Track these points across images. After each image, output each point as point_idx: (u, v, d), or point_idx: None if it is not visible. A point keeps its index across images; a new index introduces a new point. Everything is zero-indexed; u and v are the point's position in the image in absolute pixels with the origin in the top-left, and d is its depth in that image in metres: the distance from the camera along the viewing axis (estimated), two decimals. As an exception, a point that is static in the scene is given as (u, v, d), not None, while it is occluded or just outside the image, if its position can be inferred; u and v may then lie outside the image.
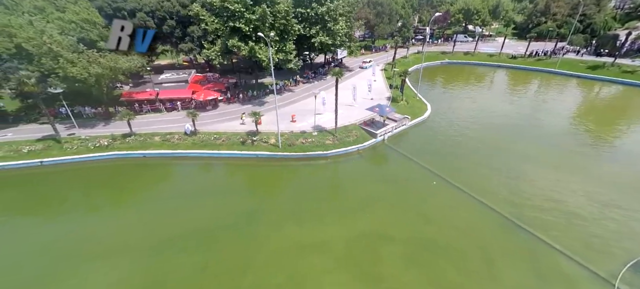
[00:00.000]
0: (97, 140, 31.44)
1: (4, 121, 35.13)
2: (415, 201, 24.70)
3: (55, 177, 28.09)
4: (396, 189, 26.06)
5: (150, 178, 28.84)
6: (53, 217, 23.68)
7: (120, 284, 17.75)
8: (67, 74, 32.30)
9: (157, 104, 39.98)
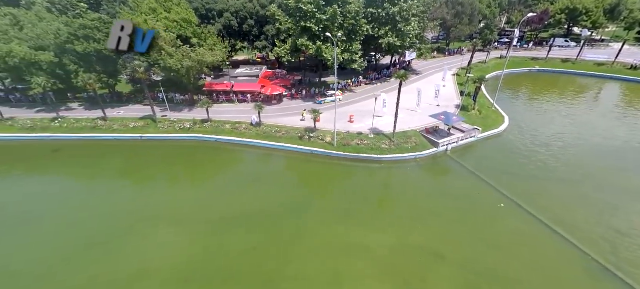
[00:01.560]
0: (182, 123, 36.73)
1: (120, 101, 43.81)
2: (477, 222, 22.14)
3: (150, 150, 33.79)
4: (455, 206, 23.76)
5: (219, 161, 32.35)
6: (143, 182, 28.63)
7: (186, 248, 20.33)
8: (166, 65, 38.32)
9: (231, 95, 44.55)
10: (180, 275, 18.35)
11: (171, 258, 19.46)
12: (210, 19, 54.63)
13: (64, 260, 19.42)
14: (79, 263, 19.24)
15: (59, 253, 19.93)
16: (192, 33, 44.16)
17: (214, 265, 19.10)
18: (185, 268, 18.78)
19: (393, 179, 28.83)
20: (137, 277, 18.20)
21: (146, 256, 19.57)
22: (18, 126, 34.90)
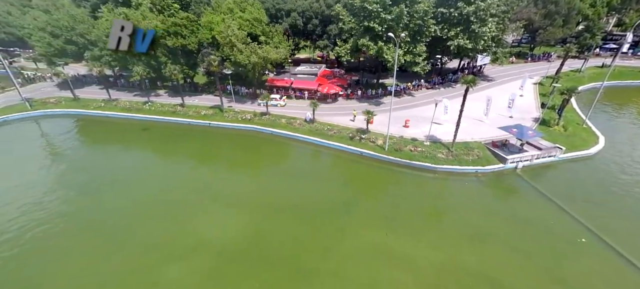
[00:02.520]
0: (244, 114, 39.91)
1: (195, 91, 49.71)
2: (547, 253, 19.05)
3: (215, 136, 37.58)
4: (520, 231, 20.82)
5: (272, 152, 34.23)
6: (207, 163, 32.00)
7: (239, 228, 21.96)
8: (236, 60, 41.99)
9: (289, 91, 46.65)
10: (230, 251, 19.95)
11: (225, 234, 21.29)
12: (279, 18, 58.02)
13: (140, 219, 22.91)
14: (152, 223, 22.48)
15: (137, 212, 23.59)
16: (260, 31, 47.49)
17: (260, 248, 20.26)
18: (235, 246, 20.34)
19: (447, 191, 26.60)
20: (196, 244, 20.36)
21: (205, 229, 21.78)
22: (120, 106, 42.45)
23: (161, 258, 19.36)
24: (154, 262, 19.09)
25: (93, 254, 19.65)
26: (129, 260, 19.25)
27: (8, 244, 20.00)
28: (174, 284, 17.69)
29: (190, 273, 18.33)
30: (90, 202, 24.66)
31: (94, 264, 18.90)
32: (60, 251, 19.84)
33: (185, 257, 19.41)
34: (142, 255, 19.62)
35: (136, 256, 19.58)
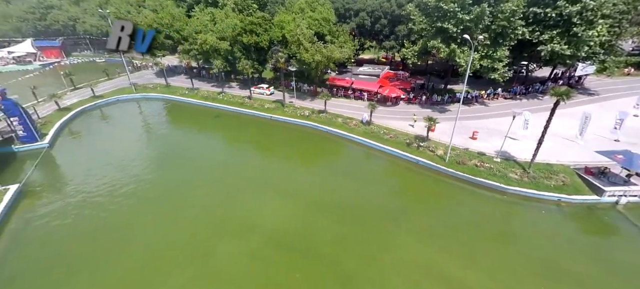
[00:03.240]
0: (303, 110, 41.26)
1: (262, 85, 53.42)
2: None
3: (274, 129, 39.75)
4: (619, 282, 16.72)
5: (327, 150, 34.56)
6: (264, 153, 34.08)
7: (287, 218, 22.79)
8: (301, 58, 43.62)
9: (349, 91, 46.45)
10: (277, 238, 20.79)
11: (274, 221, 22.34)
12: (347, 17, 58.26)
13: (204, 194, 25.56)
14: (213, 199, 24.90)
15: (202, 187, 26.43)
16: (327, 31, 48.37)
17: (304, 241, 20.67)
18: (282, 234, 21.15)
19: (516, 217, 23.00)
20: (248, 226, 21.82)
21: (257, 213, 23.22)
22: (199, 95, 48.32)
23: (217, 232, 21.29)
24: (211, 234, 21.11)
25: (163, 218, 22.74)
26: (191, 228, 21.66)
27: (106, 196, 24.56)
28: (225, 258, 19.22)
29: (240, 251, 19.69)
30: (166, 173, 28.68)
31: (164, 227, 21.84)
32: (139, 210, 23.53)
33: (238, 235, 20.95)
34: (202, 226, 21.90)
35: (197, 225, 21.94)
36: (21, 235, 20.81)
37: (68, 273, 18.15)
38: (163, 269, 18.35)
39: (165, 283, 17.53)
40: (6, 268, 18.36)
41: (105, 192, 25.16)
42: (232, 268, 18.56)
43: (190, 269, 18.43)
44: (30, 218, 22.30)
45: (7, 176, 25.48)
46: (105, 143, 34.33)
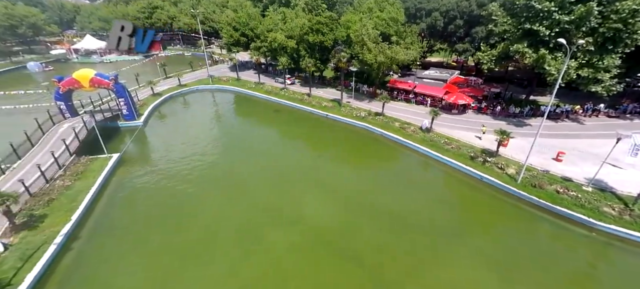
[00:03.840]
0: (360, 111, 40.69)
1: (322, 84, 54.40)
2: None
3: (329, 127, 40.10)
4: None
5: (379, 153, 33.46)
6: (317, 149, 34.67)
7: (331, 216, 22.89)
8: (363, 58, 42.99)
9: (410, 95, 44.03)
10: (322, 234, 21.00)
11: (320, 217, 22.63)
12: (417, 17, 55.32)
13: (258, 181, 27.21)
14: (266, 188, 26.36)
15: (257, 174, 28.21)
16: (394, 31, 46.66)
17: (347, 241, 20.42)
18: (326, 231, 21.30)
19: (607, 262, 18.75)
20: (295, 218, 22.52)
21: (305, 207, 23.83)
22: (264, 89, 51.73)
23: (266, 220, 22.45)
24: (260, 220, 22.40)
25: (222, 198, 24.99)
26: (245, 211, 23.35)
27: (180, 170, 28.18)
28: (272, 246, 20.06)
29: (284, 241, 20.39)
30: (228, 157, 31.50)
31: (222, 206, 24.00)
32: (204, 187, 26.28)
33: (285, 226, 21.77)
34: (253, 211, 23.41)
35: (250, 210, 23.53)
36: (117, 194, 25.34)
37: (147, 231, 21.42)
38: (217, 244, 20.19)
39: (219, 256, 19.24)
40: (107, 219, 22.59)
41: (179, 167, 28.89)
42: (276, 256, 19.35)
43: (239, 249, 19.87)
44: (124, 181, 27.00)
45: (111, 146, 31.27)
46: (184, 126, 39.41)
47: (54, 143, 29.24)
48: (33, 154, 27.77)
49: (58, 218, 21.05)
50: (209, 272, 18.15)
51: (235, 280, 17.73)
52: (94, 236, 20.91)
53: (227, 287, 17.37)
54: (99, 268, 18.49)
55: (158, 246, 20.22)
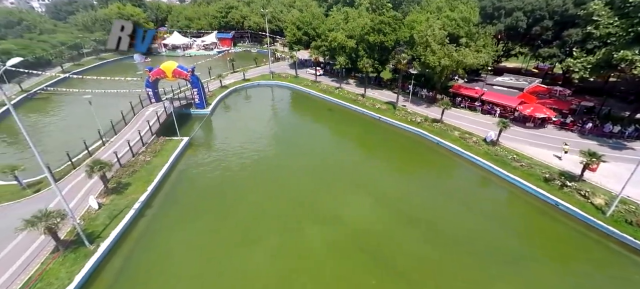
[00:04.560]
0: (415, 116, 38.50)
1: (378, 85, 52.93)
2: None
3: (381, 130, 38.82)
4: None
5: (432, 163, 31.24)
6: (364, 152, 34.00)
7: (372, 221, 22.38)
8: (425, 61, 40.42)
9: (476, 103, 39.90)
10: (360, 238, 20.67)
11: (359, 220, 22.30)
12: (495, 18, 49.76)
13: (302, 177, 27.97)
14: (308, 183, 27.02)
15: (302, 171, 28.95)
16: (464, 32, 42.86)
17: (386, 249, 19.75)
18: (363, 235, 20.88)
19: None
20: (333, 217, 22.58)
21: (344, 208, 23.74)
22: (319, 88, 52.62)
23: (306, 214, 23.06)
24: (301, 214, 23.07)
25: (268, 188, 26.39)
26: (287, 203, 24.31)
27: (235, 158, 30.60)
28: (309, 241, 20.55)
29: (322, 238, 20.65)
30: (279, 150, 32.99)
31: (267, 196, 25.34)
32: (254, 175, 28.09)
33: (323, 223, 22.02)
34: (295, 204, 24.24)
35: (292, 202, 24.43)
36: (182, 174, 28.79)
37: (203, 207, 23.90)
38: (259, 229, 21.44)
39: (259, 240, 20.43)
40: (173, 193, 25.91)
41: (235, 155, 31.41)
42: (312, 251, 19.70)
43: (279, 237, 20.77)
44: (190, 162, 30.52)
45: (183, 130, 35.55)
46: (243, 117, 42.64)
47: (140, 124, 34.56)
48: (125, 132, 33.26)
49: (138, 187, 24.82)
50: (250, 253, 19.44)
51: (273, 266, 18.60)
52: (163, 206, 24.13)
53: (265, 271, 18.30)
54: (162, 233, 21.31)
55: (210, 221, 22.41)
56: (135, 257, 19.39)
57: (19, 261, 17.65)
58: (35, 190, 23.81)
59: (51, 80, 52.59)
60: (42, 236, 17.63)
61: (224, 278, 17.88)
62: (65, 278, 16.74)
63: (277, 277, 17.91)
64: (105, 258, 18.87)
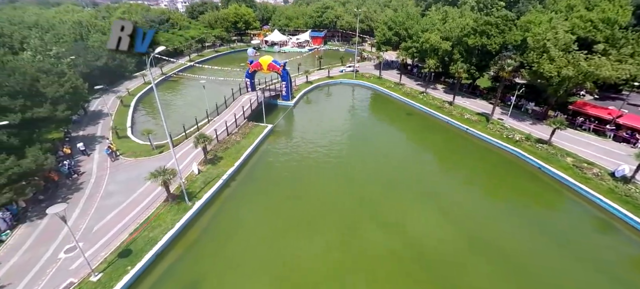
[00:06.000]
0: (513, 133, 32.84)
1: (473, 94, 47.01)
2: None
3: (467, 143, 34.65)
4: None
5: (529, 191, 26.12)
6: (443, 164, 31.05)
7: (441, 239, 20.62)
8: (538, 69, 33.68)
9: (607, 127, 31.29)
10: (422, 253, 19.44)
11: (423, 235, 20.88)
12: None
13: (370, 180, 27.53)
14: (375, 188, 26.45)
15: (371, 173, 28.46)
16: (604, 37, 34.12)
17: (448, 275, 18.01)
18: (428, 251, 19.54)
19: None
20: (399, 229, 21.61)
21: (409, 218, 22.50)
22: (402, 91, 50.16)
23: (368, 218, 22.73)
24: (363, 217, 22.88)
25: (336, 183, 27.04)
26: (349, 202, 24.50)
27: (309, 149, 32.44)
28: (369, 245, 20.23)
29: (383, 246, 20.05)
30: (351, 149, 33.32)
31: (334, 191, 26.05)
32: (322, 168, 29.20)
33: (385, 230, 21.36)
34: (358, 205, 24.19)
35: (354, 202, 24.51)
36: (263, 156, 32.26)
37: (274, 188, 26.44)
38: (320, 223, 22.33)
39: (318, 231, 21.37)
40: (252, 172, 29.46)
41: (310, 147, 33.30)
42: (370, 255, 19.43)
43: (337, 233, 21.23)
44: (270, 147, 33.94)
45: (269, 118, 39.54)
46: (323, 113, 44.55)
47: (236, 108, 40.15)
48: (224, 113, 39.23)
49: (227, 162, 29.08)
50: (308, 242, 20.48)
51: (327, 260, 19.18)
52: (243, 181, 27.68)
53: (319, 262, 19.05)
54: (240, 204, 24.57)
55: (278, 202, 24.63)
56: (218, 218, 22.97)
57: (144, 202, 23.17)
58: (160, 151, 30.63)
59: (181, 67, 65.94)
60: (159, 187, 22.68)
61: (281, 259, 19.34)
62: (170, 223, 21.12)
63: (330, 271, 18.40)
64: (197, 214, 22.92)
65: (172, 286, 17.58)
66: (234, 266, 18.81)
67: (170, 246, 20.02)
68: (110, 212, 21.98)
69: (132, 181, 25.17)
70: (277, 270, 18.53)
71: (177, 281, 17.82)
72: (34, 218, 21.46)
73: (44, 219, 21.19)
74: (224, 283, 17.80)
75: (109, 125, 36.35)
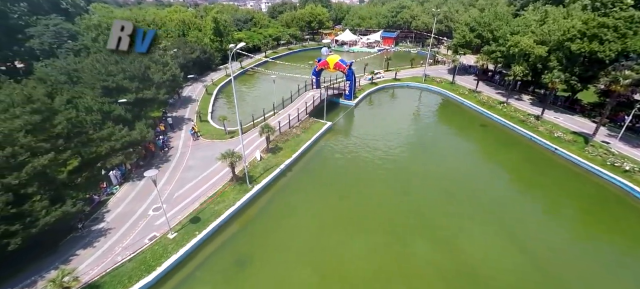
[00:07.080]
0: (623, 160, 26.58)
1: (570, 109, 39.47)
2: None
3: (551, 166, 29.47)
4: None
5: (633, 234, 20.98)
6: (515, 187, 27.13)
7: (498, 265, 18.60)
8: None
9: None
10: (474, 281, 17.80)
11: (480, 259, 19.03)
12: None
13: (425, 188, 26.05)
14: (430, 199, 24.91)
15: (424, 185, 26.82)
16: None
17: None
18: (481, 281, 17.76)
19: None
20: (449, 244, 20.18)
21: (466, 238, 20.68)
22: (477, 99, 45.03)
23: (418, 228, 21.69)
24: (413, 227, 21.91)
25: (388, 188, 26.32)
26: (401, 210, 23.61)
27: (365, 152, 32.17)
28: (415, 257, 19.46)
29: (429, 261, 19.00)
30: (409, 156, 31.78)
31: (385, 195, 25.44)
32: (375, 173, 28.65)
33: (435, 245, 20.15)
34: (409, 214, 23.19)
35: (406, 211, 23.52)
36: (319, 152, 33.31)
37: (326, 184, 27.24)
38: (367, 224, 22.15)
39: (364, 234, 21.24)
40: (309, 164, 30.77)
41: (367, 148, 33.03)
42: (414, 267, 18.61)
43: (382, 238, 20.81)
44: (328, 143, 34.80)
45: (329, 116, 40.44)
46: (384, 116, 43.44)
47: (300, 104, 42.22)
48: (289, 108, 41.67)
49: (286, 153, 30.99)
50: (352, 241, 20.60)
51: (369, 262, 19.00)
52: (299, 173, 29.16)
53: (361, 263, 19.00)
54: (293, 193, 26.07)
55: (329, 198, 25.31)
56: (273, 204, 24.83)
57: (214, 179, 26.50)
58: (231, 136, 34.43)
59: (257, 62, 72.28)
60: (227, 168, 25.64)
61: (325, 253, 19.84)
62: (231, 201, 23.71)
63: (369, 276, 18.18)
64: (255, 196, 25.16)
65: (226, 255, 19.85)
66: (280, 250, 20.16)
67: (230, 221, 22.52)
68: (188, 183, 25.82)
69: (207, 159, 28.97)
70: (319, 264, 19.13)
71: (231, 252, 20.04)
72: (135, 179, 26.61)
73: (142, 180, 26.09)
74: (270, 263, 19.24)
75: (195, 109, 42.36)
